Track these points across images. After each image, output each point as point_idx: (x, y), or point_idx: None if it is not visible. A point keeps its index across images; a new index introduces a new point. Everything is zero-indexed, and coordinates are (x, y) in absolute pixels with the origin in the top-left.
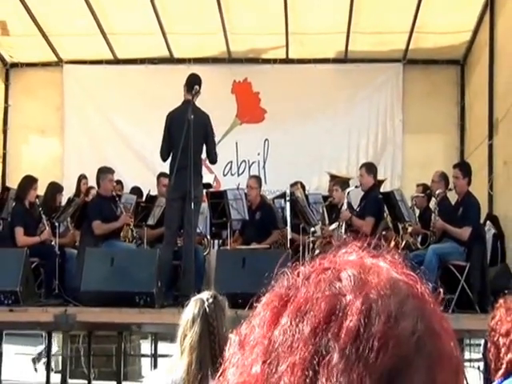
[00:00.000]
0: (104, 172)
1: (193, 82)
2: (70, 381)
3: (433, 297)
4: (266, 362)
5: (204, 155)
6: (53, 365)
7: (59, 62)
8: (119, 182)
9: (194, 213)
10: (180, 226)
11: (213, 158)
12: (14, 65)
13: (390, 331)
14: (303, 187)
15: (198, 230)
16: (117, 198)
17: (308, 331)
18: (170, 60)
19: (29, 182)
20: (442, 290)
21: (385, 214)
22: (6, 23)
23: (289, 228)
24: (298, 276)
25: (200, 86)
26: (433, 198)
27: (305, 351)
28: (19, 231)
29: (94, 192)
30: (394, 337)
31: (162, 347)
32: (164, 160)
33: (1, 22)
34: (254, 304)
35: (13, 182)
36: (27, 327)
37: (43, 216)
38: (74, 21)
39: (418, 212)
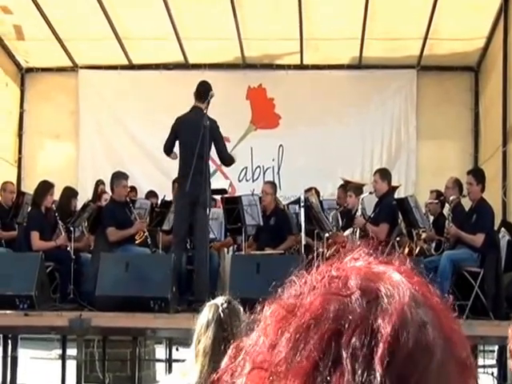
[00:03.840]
0: (118, 177)
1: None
2: None
3: (444, 303)
4: (272, 373)
5: (218, 161)
6: None
7: (74, 67)
8: (133, 189)
9: (201, 218)
10: (188, 231)
11: (226, 161)
12: (30, 70)
13: (418, 348)
14: (317, 193)
15: (212, 236)
16: (130, 204)
17: (315, 340)
18: (185, 66)
19: (45, 187)
20: (454, 297)
21: (399, 220)
22: (21, 28)
23: (303, 233)
24: (305, 284)
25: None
26: (446, 205)
27: (312, 361)
28: (35, 236)
29: (106, 197)
30: (423, 352)
31: (177, 352)
32: (167, 154)
33: (16, 27)
34: (260, 313)
35: (28, 187)
36: (42, 331)
37: (59, 221)
38: (89, 26)
39: (431, 218)
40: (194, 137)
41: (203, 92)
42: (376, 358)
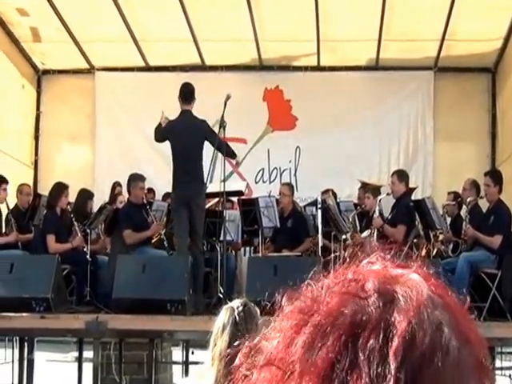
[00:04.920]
0: (135, 179)
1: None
2: None
3: (462, 304)
4: (287, 372)
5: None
6: None
7: (91, 69)
8: (151, 190)
9: (198, 221)
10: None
11: (223, 150)
12: (46, 72)
13: (434, 347)
14: (334, 195)
15: (229, 238)
16: (147, 206)
17: (332, 341)
18: (202, 67)
19: (60, 188)
20: (471, 298)
21: (416, 222)
22: (37, 30)
23: (320, 235)
24: (322, 288)
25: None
26: (464, 206)
27: (328, 362)
28: (51, 238)
29: (121, 199)
30: (438, 352)
31: (194, 354)
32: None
33: (33, 29)
34: (275, 317)
35: (44, 189)
36: (58, 334)
37: (75, 223)
38: (105, 28)
39: (449, 220)
40: (185, 141)
41: (188, 94)
42: (391, 351)
